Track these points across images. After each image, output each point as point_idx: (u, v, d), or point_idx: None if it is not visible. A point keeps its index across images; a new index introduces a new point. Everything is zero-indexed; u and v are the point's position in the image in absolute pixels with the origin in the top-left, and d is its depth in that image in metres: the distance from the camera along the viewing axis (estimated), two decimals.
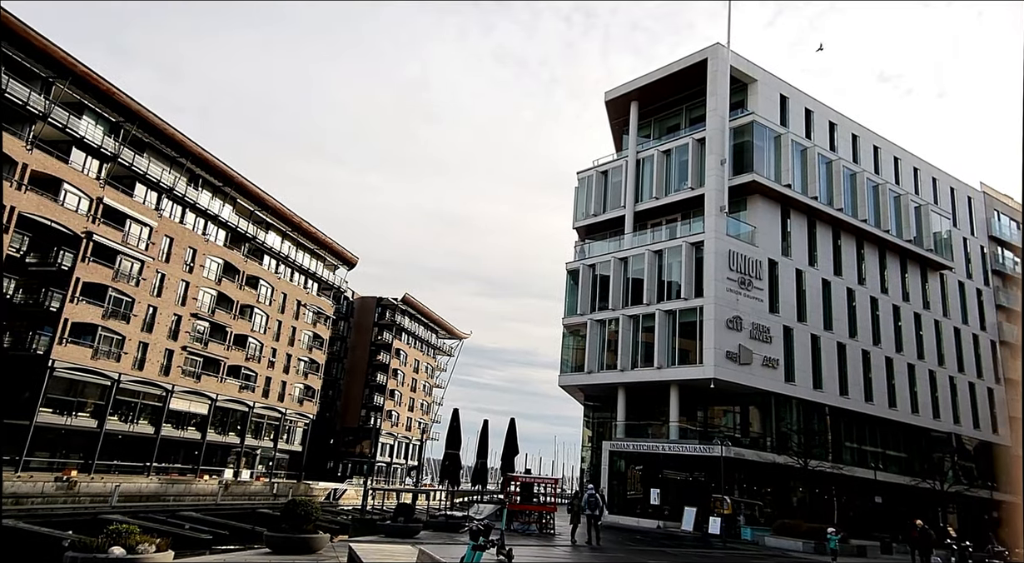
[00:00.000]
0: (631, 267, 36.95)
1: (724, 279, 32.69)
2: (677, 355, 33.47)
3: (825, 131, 39.63)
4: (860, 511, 35.11)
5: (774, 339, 33.57)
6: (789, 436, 30.89)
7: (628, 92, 39.89)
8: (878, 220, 39.77)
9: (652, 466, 33.96)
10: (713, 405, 35.67)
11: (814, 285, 36.78)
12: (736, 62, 36.27)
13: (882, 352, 38.72)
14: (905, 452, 38.63)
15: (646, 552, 19.36)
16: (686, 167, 36.30)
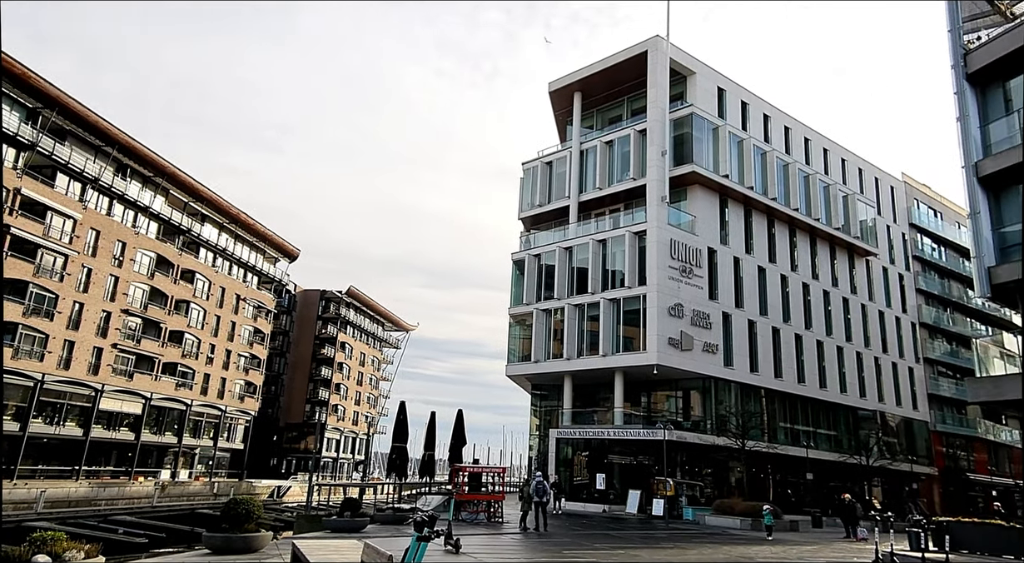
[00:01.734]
0: (576, 257, 37.40)
1: (666, 267, 33.49)
2: (621, 343, 34.15)
3: (760, 123, 40.96)
4: (794, 487, 36.82)
5: (713, 325, 34.66)
6: (728, 418, 32.02)
7: (571, 83, 40.18)
8: (809, 209, 41.46)
9: (598, 452, 34.64)
10: (656, 390, 36.61)
11: (751, 272, 38.10)
12: (675, 55, 37.01)
13: (813, 335, 40.52)
14: (834, 430, 40.65)
15: (592, 536, 19.77)
16: (628, 158, 36.91)
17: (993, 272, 18.29)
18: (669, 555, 15.74)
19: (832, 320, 42.13)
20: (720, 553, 16.77)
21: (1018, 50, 18.48)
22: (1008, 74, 19.30)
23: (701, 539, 20.53)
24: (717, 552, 16.98)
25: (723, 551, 17.27)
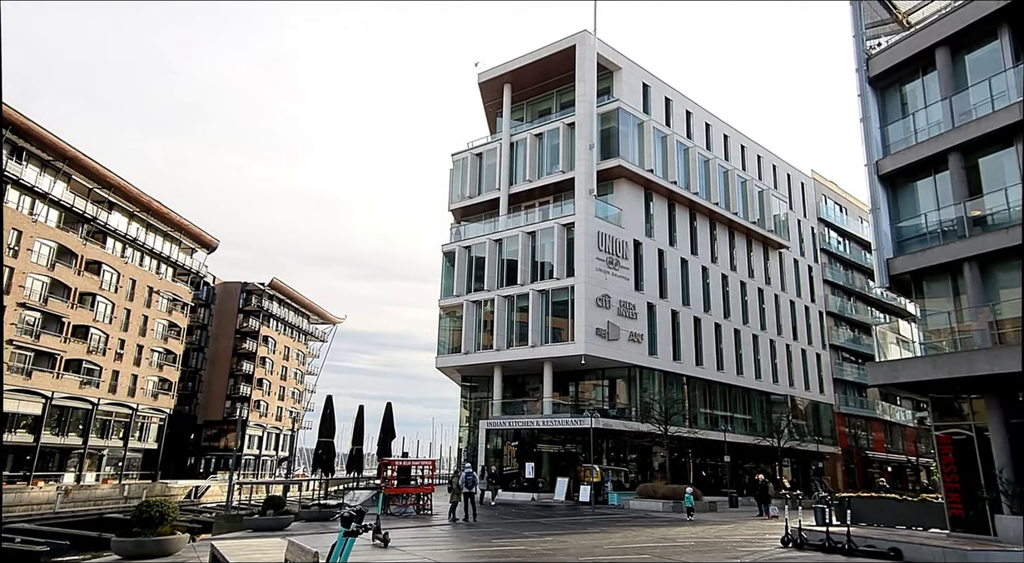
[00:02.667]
0: (506, 248, 37.57)
1: (594, 259, 34.16)
2: (550, 333, 34.63)
3: (683, 120, 42.31)
4: (712, 470, 38.56)
5: (639, 315, 35.68)
6: (651, 405, 33.09)
7: (501, 74, 40.17)
8: (728, 203, 43.26)
9: (527, 441, 35.07)
10: (584, 380, 37.38)
11: (674, 264, 39.42)
12: (602, 50, 37.64)
13: (732, 324, 42.43)
14: (750, 414, 42.79)
15: (520, 524, 20.03)
16: (557, 151, 37.33)
17: (891, 264, 19.65)
18: (595, 539, 16.15)
19: (748, 309, 44.22)
20: (643, 535, 17.36)
21: (913, 57, 19.87)
22: (905, 79, 20.72)
23: (625, 523, 21.18)
24: (640, 534, 17.57)
25: (646, 533, 17.88)
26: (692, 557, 13.06)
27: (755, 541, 16.38)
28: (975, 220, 18.01)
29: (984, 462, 16.76)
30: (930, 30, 19.57)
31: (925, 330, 20.42)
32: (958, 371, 16.24)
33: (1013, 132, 17.19)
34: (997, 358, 15.34)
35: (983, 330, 17.16)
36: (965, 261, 17.66)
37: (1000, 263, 17.38)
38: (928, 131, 19.45)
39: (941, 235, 18.70)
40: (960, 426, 17.88)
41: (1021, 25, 17.84)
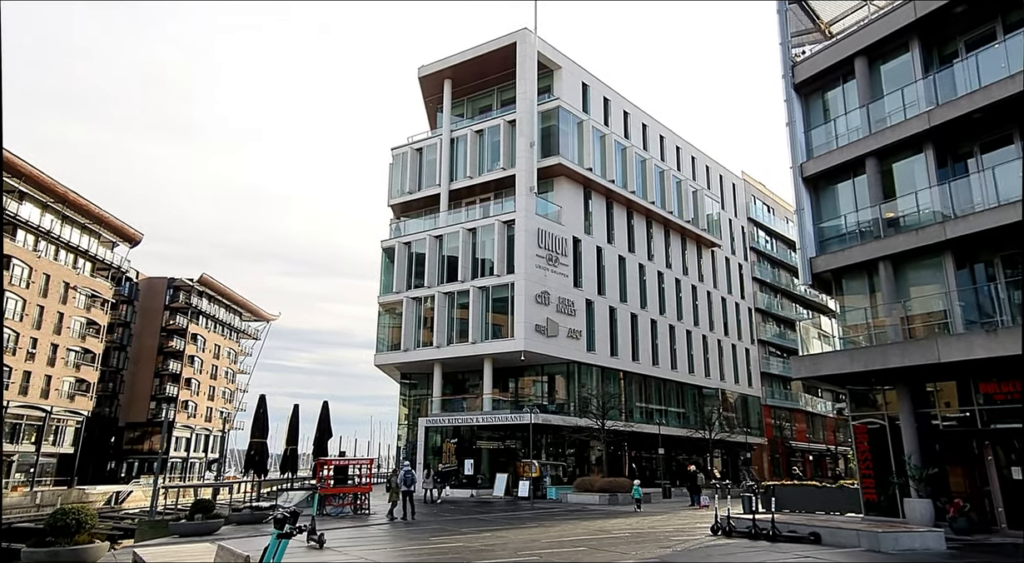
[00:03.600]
0: (446, 245, 37.40)
1: (534, 256, 34.43)
2: (491, 330, 34.72)
3: (620, 119, 43.13)
4: (647, 462, 39.60)
5: (577, 312, 36.20)
6: (589, 400, 33.67)
7: (442, 70, 39.87)
8: (664, 202, 44.42)
9: (467, 438, 35.08)
10: (524, 376, 37.66)
11: (612, 261, 40.18)
12: (542, 48, 37.91)
13: (667, 320, 43.62)
14: (683, 407, 44.14)
15: (459, 520, 20.03)
16: (498, 148, 37.40)
17: (814, 262, 20.67)
18: (533, 534, 16.32)
19: (682, 306, 45.57)
20: (580, 528, 17.67)
21: (834, 65, 20.93)
22: (827, 86, 21.81)
23: (563, 516, 21.50)
24: (577, 527, 17.87)
25: (583, 526, 18.21)
26: (627, 548, 13.39)
27: (687, 530, 16.94)
28: (889, 222, 19.13)
29: (895, 449, 17.88)
30: (849, 41, 20.65)
31: (844, 325, 21.58)
32: (873, 364, 17.26)
33: (923, 139, 18.36)
34: (907, 352, 16.38)
35: (895, 325, 18.25)
36: (880, 260, 18.75)
37: (911, 262, 18.55)
38: (848, 136, 20.53)
39: (859, 235, 19.78)
40: (874, 416, 19.01)
41: (929, 39, 19.06)
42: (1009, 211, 15.84)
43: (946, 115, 17.43)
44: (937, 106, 17.77)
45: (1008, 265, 16.98)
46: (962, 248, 17.24)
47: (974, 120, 17.21)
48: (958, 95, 17.40)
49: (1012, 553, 12.65)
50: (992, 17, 17.70)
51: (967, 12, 17.90)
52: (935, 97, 18.11)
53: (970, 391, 16.57)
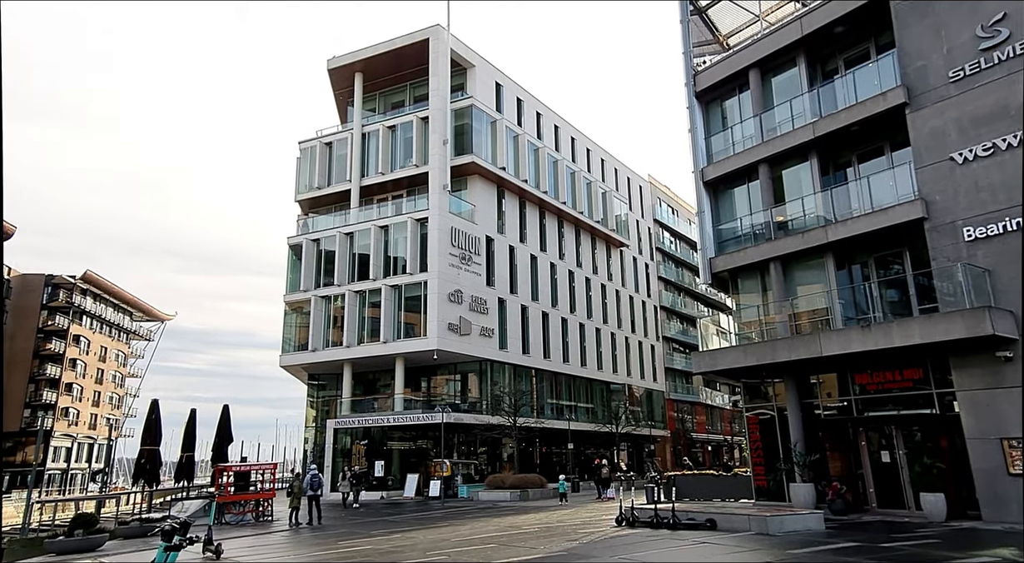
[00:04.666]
0: (357, 242, 36.57)
1: (447, 254, 34.28)
2: (403, 329, 34.28)
3: (533, 120, 43.69)
4: (557, 457, 40.38)
5: (490, 310, 36.37)
6: (502, 398, 33.93)
7: (352, 62, 38.90)
8: (575, 203, 45.42)
9: (378, 439, 34.46)
10: (436, 375, 37.44)
11: (524, 260, 40.65)
12: (455, 46, 37.79)
13: (577, 318, 44.63)
14: (592, 403, 45.34)
15: (368, 523, 19.65)
16: (411, 144, 36.95)
17: (713, 262, 21.80)
18: (443, 533, 16.26)
19: (592, 304, 46.79)
20: (490, 525, 17.77)
21: (731, 76, 22.15)
22: (725, 95, 23.04)
23: (474, 514, 21.55)
24: (488, 524, 17.96)
25: (493, 523, 18.32)
26: (536, 543, 13.59)
27: (593, 523, 17.41)
28: (779, 225, 20.45)
29: (783, 438, 19.16)
30: (744, 53, 21.91)
31: (740, 322, 22.90)
32: (764, 358, 18.40)
33: (808, 149, 19.77)
34: (794, 346, 17.58)
35: (784, 322, 19.55)
36: (771, 261, 20.03)
37: (798, 263, 19.93)
38: (743, 143, 21.78)
39: (753, 237, 21.03)
40: (765, 407, 20.29)
41: (814, 56, 20.54)
42: (880, 217, 17.35)
43: (828, 127, 18.85)
44: (821, 118, 19.18)
45: (880, 266, 18.59)
46: (841, 250, 18.70)
47: (852, 132, 18.71)
48: (838, 109, 18.87)
49: (879, 529, 13.86)
50: (867, 38, 19.31)
51: (845, 32, 19.43)
52: (819, 110, 19.55)
53: (848, 382, 18.00)
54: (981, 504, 14.63)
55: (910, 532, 13.16)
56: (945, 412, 15.84)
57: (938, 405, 16.02)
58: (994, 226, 15.23)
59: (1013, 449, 14.26)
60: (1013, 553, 10.44)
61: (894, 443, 17.08)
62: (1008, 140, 15.23)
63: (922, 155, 16.83)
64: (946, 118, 16.41)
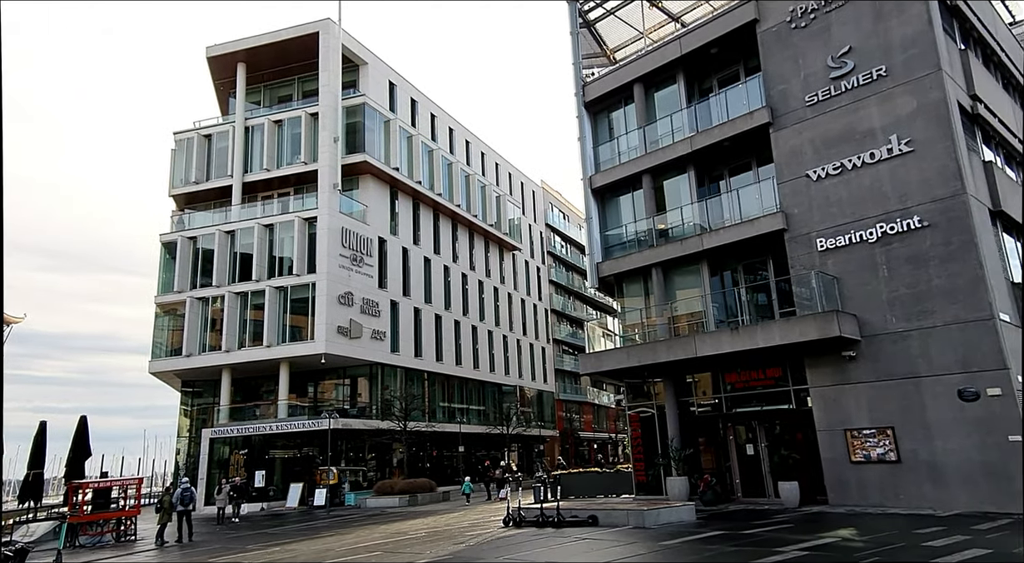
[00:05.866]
0: (240, 241, 34.68)
1: (337, 255, 33.27)
2: (288, 332, 32.89)
3: (428, 122, 43.40)
4: (449, 460, 40.26)
5: (382, 313, 35.67)
6: (392, 402, 33.36)
7: (234, 52, 36.82)
8: (469, 206, 45.57)
9: (260, 448, 32.81)
10: (324, 379, 36.20)
11: (418, 262, 40.23)
12: (347, 42, 36.81)
13: (470, 321, 44.76)
14: (484, 405, 45.62)
15: (245, 537, 18.63)
16: (299, 140, 35.54)
17: (600, 267, 22.65)
18: (328, 543, 15.73)
19: (485, 307, 47.12)
20: (377, 532, 17.40)
21: (617, 89, 23.15)
22: (612, 107, 24.03)
23: (360, 522, 21.01)
24: (374, 532, 17.58)
25: (380, 530, 17.96)
26: (423, 548, 13.46)
27: (481, 524, 17.50)
28: (661, 232, 21.60)
29: (662, 435, 20.22)
30: (629, 68, 22.96)
31: (624, 325, 23.92)
32: (646, 359, 19.34)
33: (686, 161, 21.02)
34: (672, 348, 18.61)
35: (665, 324, 20.65)
36: (653, 266, 21.11)
37: (677, 269, 21.12)
38: (629, 154, 22.82)
39: (637, 244, 22.07)
40: (647, 406, 21.32)
41: (692, 74, 21.89)
42: (748, 227, 18.77)
43: (703, 142, 20.16)
44: (697, 133, 20.48)
45: (748, 272, 20.10)
46: (715, 257, 20.04)
47: (725, 147, 20.12)
48: (713, 125, 20.23)
49: (742, 517, 14.97)
50: (737, 61, 20.85)
51: (719, 54, 20.88)
52: (696, 125, 20.87)
53: (720, 381, 19.30)
54: (828, 490, 16.18)
55: (768, 518, 14.30)
56: (800, 407, 17.38)
57: (795, 401, 17.55)
58: (842, 238, 16.91)
59: (855, 439, 15.89)
60: (852, 533, 11.62)
61: (757, 437, 18.50)
62: (854, 161, 16.98)
63: (783, 171, 18.40)
64: (803, 138, 18.04)
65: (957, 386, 14.57)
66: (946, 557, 8.89)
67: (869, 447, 15.63)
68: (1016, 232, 18.03)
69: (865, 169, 16.75)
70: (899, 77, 16.45)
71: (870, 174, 16.64)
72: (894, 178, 16.23)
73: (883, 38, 16.86)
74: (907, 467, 15.07)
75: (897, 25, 16.67)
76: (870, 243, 16.39)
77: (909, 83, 16.25)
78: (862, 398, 16.00)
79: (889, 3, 16.89)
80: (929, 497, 14.61)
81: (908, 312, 15.54)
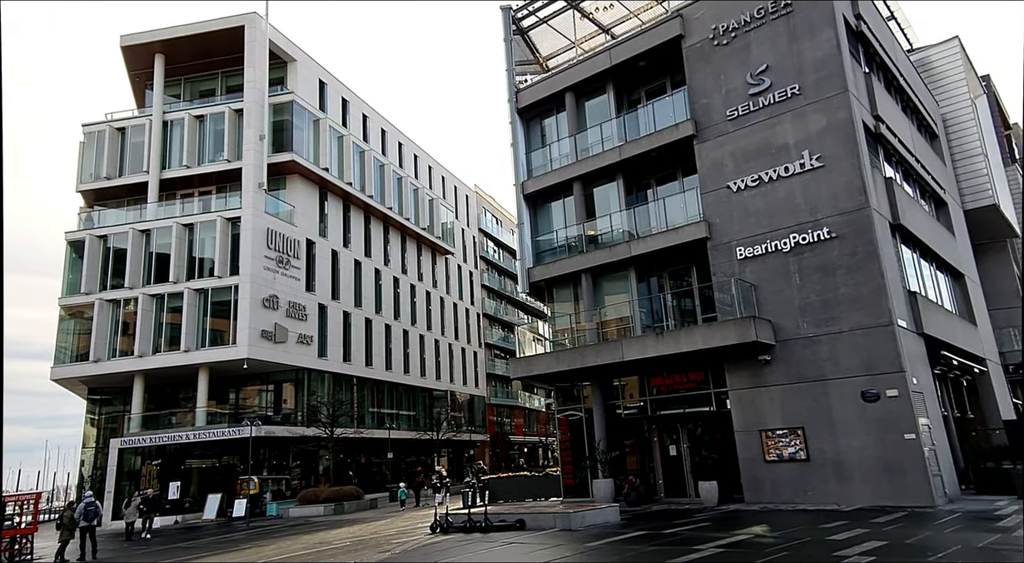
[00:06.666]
0: (156, 241, 32.98)
1: (262, 257, 32.14)
2: (208, 336, 31.52)
3: (359, 122, 42.61)
4: (377, 467, 39.53)
5: (309, 317, 34.69)
6: (319, 408, 32.48)
7: (151, 42, 35.00)
8: (401, 208, 45.03)
9: (174, 458, 31.21)
10: (247, 385, 34.88)
11: (348, 265, 39.38)
12: (275, 37, 35.71)
13: (401, 325, 44.17)
14: (414, 410, 45.08)
15: (156, 551, 17.66)
16: (223, 137, 34.15)
17: (531, 272, 22.83)
18: (246, 555, 15.12)
19: (417, 311, 46.63)
20: (299, 543, 16.87)
21: (550, 97, 23.46)
22: (544, 114, 24.34)
23: (282, 533, 20.32)
24: (296, 542, 17.04)
25: (303, 540, 17.42)
26: (347, 557, 13.15)
27: (408, 532, 17.27)
28: (590, 239, 22.01)
29: (590, 438, 20.55)
30: (561, 76, 23.33)
31: (554, 329, 24.19)
32: (575, 363, 19.63)
33: (616, 170, 21.52)
34: (601, 352, 18.98)
35: (594, 329, 21.04)
36: (583, 272, 21.46)
37: (606, 275, 21.56)
38: (560, 161, 23.15)
39: (568, 249, 22.39)
40: (576, 409, 21.63)
41: (622, 85, 22.46)
42: (673, 235, 19.40)
43: (632, 151, 20.70)
44: (626, 143, 21.01)
45: (674, 279, 20.74)
46: (642, 264, 20.59)
47: (652, 157, 20.73)
48: (641, 135, 20.81)
49: (664, 517, 15.41)
50: (664, 74, 21.55)
51: (647, 67, 21.52)
52: (625, 135, 21.40)
53: (645, 384, 19.82)
54: (744, 488, 16.90)
55: (688, 517, 14.78)
56: (720, 409, 18.07)
57: (715, 403, 18.23)
58: (759, 247, 17.74)
59: (769, 439, 16.67)
60: (764, 530, 12.17)
61: (680, 438, 19.11)
62: (770, 174, 17.85)
63: (706, 182, 19.13)
64: (724, 151, 18.83)
65: (860, 388, 15.53)
66: (847, 549, 9.44)
67: (782, 446, 16.42)
68: (912, 244, 19.42)
69: (780, 182, 17.64)
70: (811, 96, 17.44)
71: (785, 187, 17.55)
72: (806, 191, 17.17)
73: (797, 59, 17.84)
74: (815, 465, 15.93)
75: (809, 47, 17.67)
76: (784, 252, 17.26)
77: (820, 102, 17.26)
78: (776, 400, 16.81)
79: (803, 26, 17.90)
80: (835, 493, 15.48)
81: (818, 318, 16.46)
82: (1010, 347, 26.52)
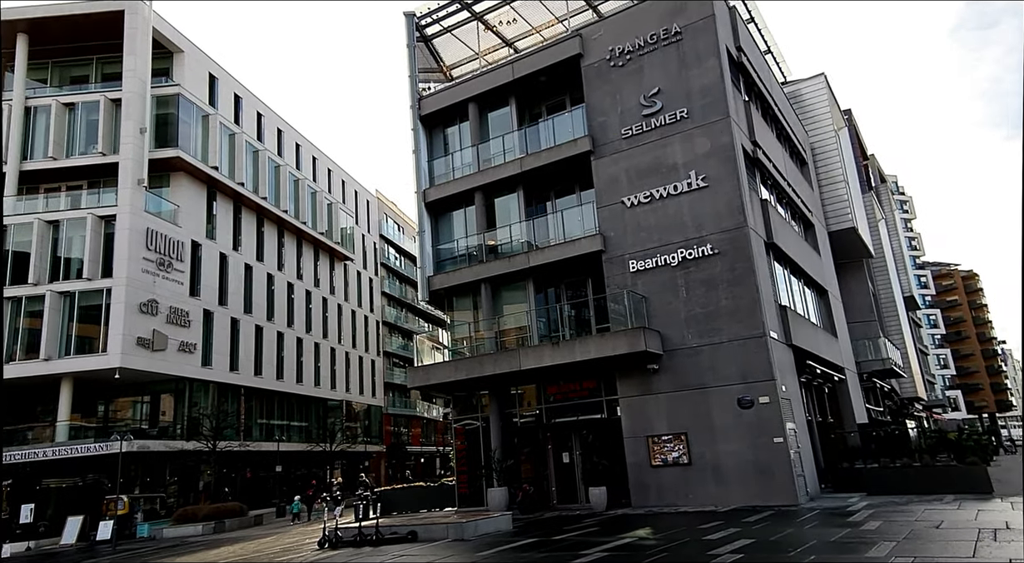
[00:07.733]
0: (14, 238, 29.87)
1: (140, 259, 29.88)
2: (74, 343, 28.88)
3: (254, 121, 40.71)
4: (265, 482, 37.61)
5: (193, 323, 32.58)
6: (200, 421, 30.51)
7: (14, 20, 31.79)
8: (297, 212, 43.37)
9: (28, 478, 28.19)
10: (120, 397, 32.26)
11: (237, 269, 37.36)
12: (160, 26, 33.48)
13: (295, 333, 42.40)
14: (307, 421, 43.31)
15: None
16: (96, 128, 31.54)
17: (431, 280, 22.66)
18: None
19: (312, 318, 44.96)
20: None
21: (453, 106, 23.49)
22: (447, 123, 24.33)
23: (155, 555, 18.85)
24: None
25: None
26: None
27: (294, 548, 16.53)
28: (490, 249, 22.16)
29: (486, 446, 20.60)
30: (464, 86, 23.45)
31: (454, 338, 24.14)
32: (473, 373, 19.65)
33: (517, 181, 21.83)
34: (499, 362, 19.12)
35: (492, 338, 21.16)
36: (482, 281, 21.55)
37: (506, 285, 21.76)
38: (463, 170, 23.19)
39: (468, 259, 22.42)
40: (473, 418, 21.63)
41: (523, 98, 22.86)
42: (570, 247, 19.93)
43: (532, 164, 21.11)
44: (527, 155, 21.40)
45: (570, 289, 21.28)
46: (541, 275, 20.97)
47: (551, 171, 21.23)
48: (541, 148, 21.27)
49: (555, 523, 15.70)
50: (564, 91, 22.18)
51: (548, 82, 22.08)
52: (526, 147, 21.78)
53: (542, 393, 20.16)
54: (631, 493, 17.56)
55: (578, 523, 15.15)
56: (611, 416, 18.71)
57: (607, 411, 18.85)
58: (650, 260, 18.58)
59: (655, 445, 17.44)
60: (647, 532, 12.70)
61: (573, 445, 19.58)
62: (661, 191, 18.79)
63: (602, 197, 19.83)
64: (619, 168, 19.61)
65: (737, 395, 16.61)
66: (720, 548, 10.04)
67: (667, 451, 17.23)
68: (784, 261, 21.06)
69: (670, 199, 18.60)
70: (698, 120, 18.55)
71: (674, 204, 18.52)
72: (692, 209, 18.21)
73: (686, 84, 18.94)
74: (696, 468, 16.83)
75: (697, 74, 18.82)
76: (672, 266, 18.19)
77: (705, 126, 18.40)
78: (662, 407, 17.63)
79: (691, 54, 19.04)
80: (713, 495, 16.42)
81: (701, 329, 17.45)
82: (864, 357, 29.28)
